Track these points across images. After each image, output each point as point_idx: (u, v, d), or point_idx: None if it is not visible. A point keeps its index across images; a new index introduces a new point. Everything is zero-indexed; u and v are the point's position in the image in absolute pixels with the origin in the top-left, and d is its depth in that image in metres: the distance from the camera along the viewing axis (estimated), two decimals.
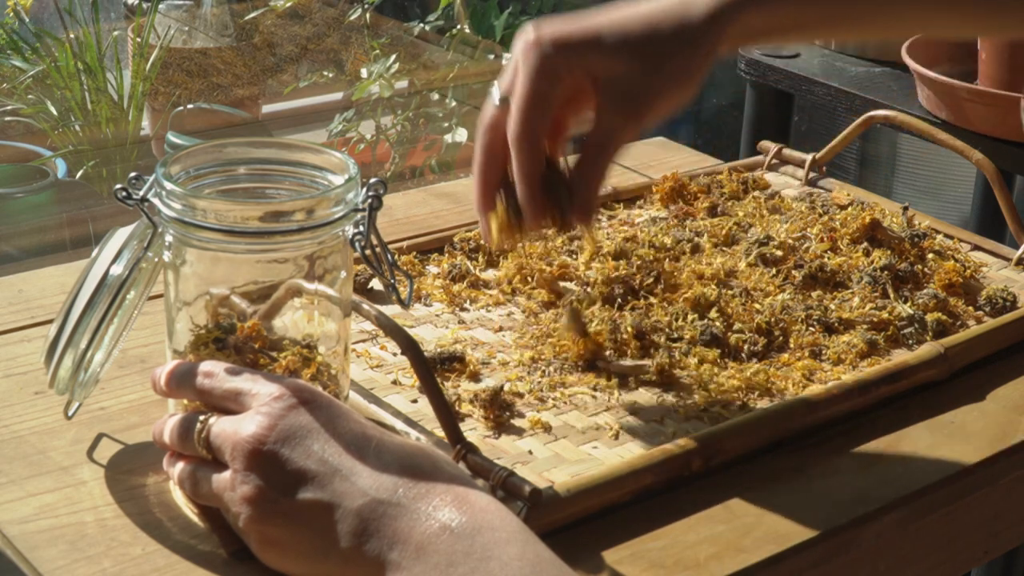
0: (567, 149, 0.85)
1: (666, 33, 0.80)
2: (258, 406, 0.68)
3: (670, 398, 0.84)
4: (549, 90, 0.80)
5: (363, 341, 0.89)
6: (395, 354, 0.88)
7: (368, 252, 0.73)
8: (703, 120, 3.38)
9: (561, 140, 0.84)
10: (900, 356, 0.90)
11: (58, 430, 0.79)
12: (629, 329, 0.87)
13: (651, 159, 1.25)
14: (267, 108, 2.32)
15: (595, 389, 0.85)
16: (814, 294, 0.96)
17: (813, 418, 0.82)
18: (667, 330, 0.89)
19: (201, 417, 0.70)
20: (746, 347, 0.89)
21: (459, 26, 2.31)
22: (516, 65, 0.81)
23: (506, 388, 0.83)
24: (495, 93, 0.83)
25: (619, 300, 0.92)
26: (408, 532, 0.63)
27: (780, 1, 0.82)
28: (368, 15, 2.28)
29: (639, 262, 0.95)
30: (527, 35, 0.80)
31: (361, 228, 0.72)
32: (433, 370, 0.82)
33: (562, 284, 0.95)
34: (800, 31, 0.90)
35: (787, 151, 1.21)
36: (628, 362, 0.86)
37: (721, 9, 0.81)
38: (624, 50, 0.80)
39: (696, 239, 1.03)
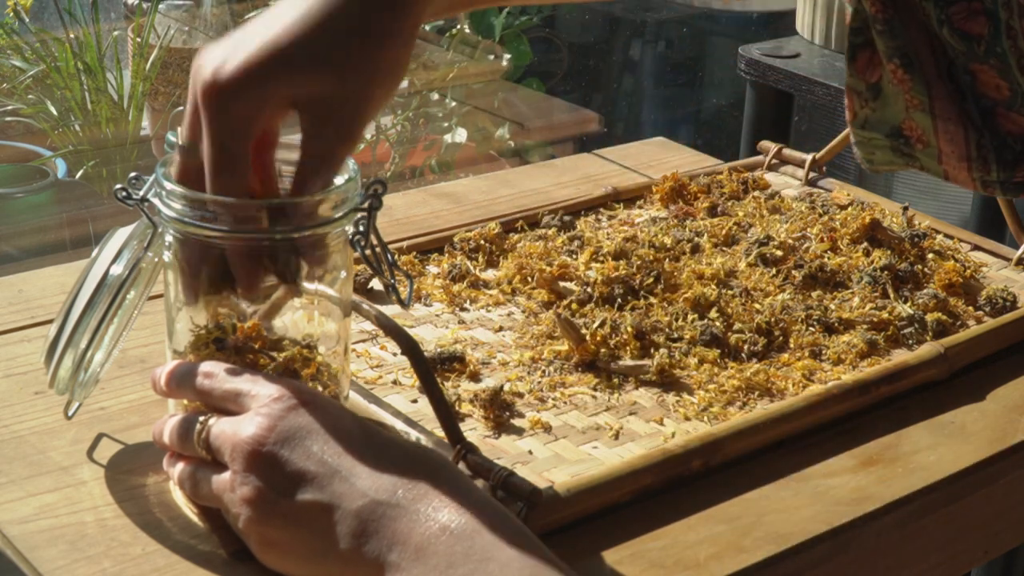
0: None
1: (354, 36, 0.70)
2: (258, 407, 0.68)
3: (670, 398, 0.84)
4: (242, 146, 0.70)
5: (363, 341, 0.89)
6: (395, 354, 0.88)
7: (368, 252, 0.73)
8: (703, 120, 3.39)
9: (268, 161, 0.73)
10: (900, 356, 0.90)
11: (58, 430, 0.79)
12: (629, 329, 0.87)
13: (651, 159, 1.25)
14: None
15: (595, 389, 0.85)
16: (814, 294, 0.96)
17: (813, 418, 0.82)
18: (667, 330, 0.89)
19: (201, 418, 0.70)
20: (746, 347, 0.89)
21: (459, 26, 2.31)
22: (196, 108, 0.70)
23: (506, 388, 0.83)
24: (176, 138, 0.72)
25: (619, 300, 0.92)
26: (407, 533, 0.63)
27: None
28: None
29: (639, 262, 0.95)
30: (203, 74, 0.69)
31: (361, 228, 0.72)
32: (433, 370, 0.82)
33: (562, 284, 0.95)
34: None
35: (787, 151, 1.21)
36: (628, 362, 0.86)
37: None
38: (315, 69, 0.69)
39: (696, 239, 1.03)
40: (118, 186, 0.72)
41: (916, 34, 0.73)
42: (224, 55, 0.69)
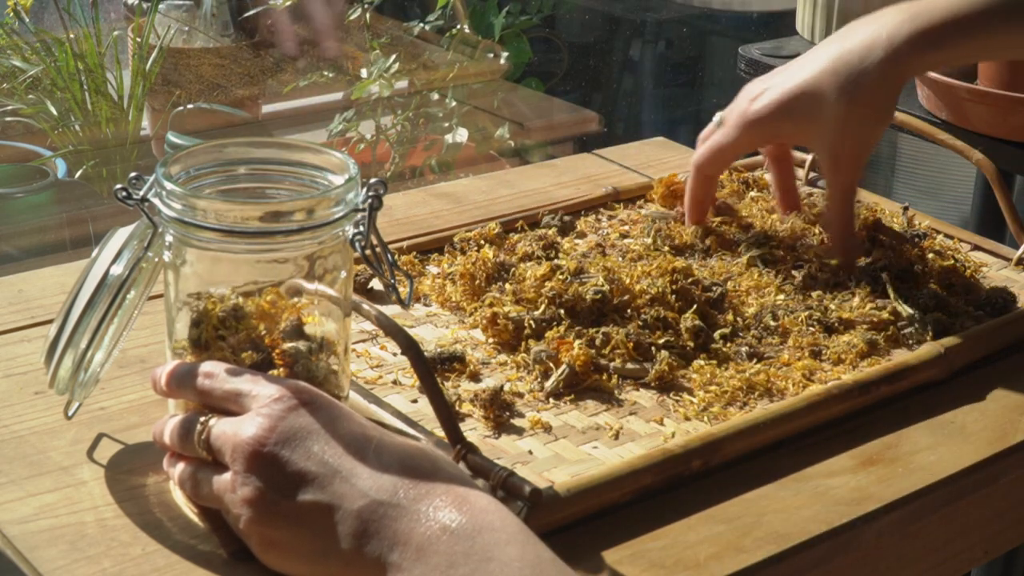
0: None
1: (852, 87, 0.93)
2: (258, 408, 0.68)
3: (670, 398, 0.84)
4: (730, 158, 1.02)
5: (363, 341, 0.89)
6: (395, 354, 0.88)
7: (368, 252, 0.73)
8: (703, 120, 3.38)
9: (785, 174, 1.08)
10: (900, 356, 0.90)
11: (58, 430, 0.79)
12: (624, 340, 0.86)
13: (651, 159, 1.25)
14: (267, 108, 2.32)
15: (595, 388, 0.85)
16: (814, 294, 0.96)
17: (813, 418, 0.82)
18: (665, 333, 0.89)
19: (201, 418, 0.70)
20: (746, 347, 0.89)
21: (459, 26, 2.31)
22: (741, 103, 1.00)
23: (506, 388, 0.83)
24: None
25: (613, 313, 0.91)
26: (408, 533, 0.63)
27: (945, 43, 0.93)
28: (368, 15, 2.28)
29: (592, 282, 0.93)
30: (740, 105, 1.00)
31: (361, 228, 0.72)
32: (433, 370, 0.82)
33: (507, 317, 0.89)
34: (966, 61, 1.12)
35: None
36: (630, 365, 0.86)
37: (901, 54, 0.93)
38: (817, 116, 0.95)
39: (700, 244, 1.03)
40: (118, 186, 0.72)
41: None
42: (759, 90, 0.98)
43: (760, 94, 0.98)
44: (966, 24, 0.93)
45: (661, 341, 0.87)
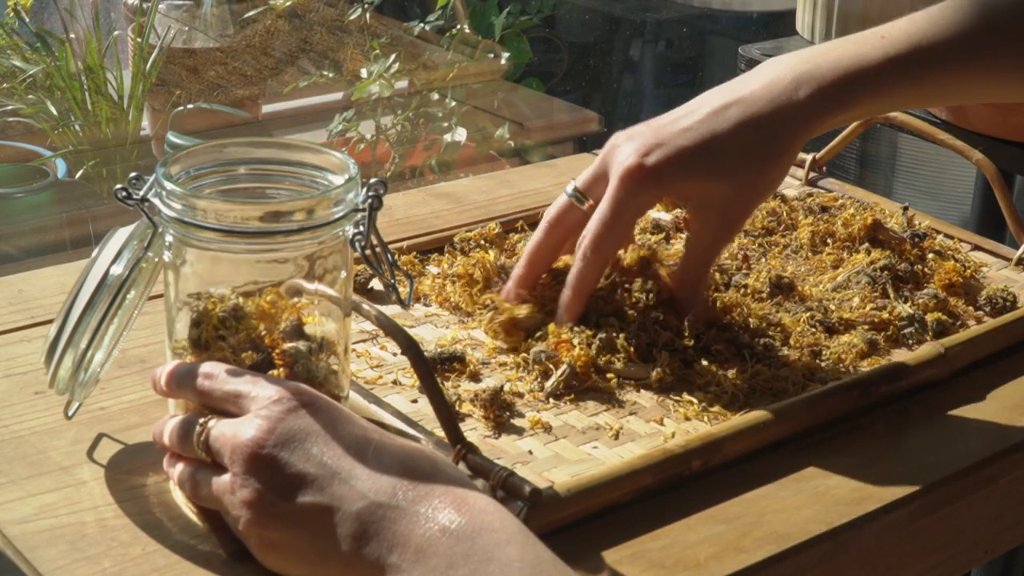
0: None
1: (758, 151, 0.85)
2: (257, 409, 0.68)
3: (670, 398, 0.84)
4: (631, 221, 0.88)
5: (363, 341, 0.89)
6: (395, 354, 0.88)
7: (368, 252, 0.73)
8: None
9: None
10: (900, 356, 0.90)
11: (58, 430, 0.79)
12: (625, 345, 0.86)
13: None
14: (267, 108, 2.32)
15: (595, 389, 0.85)
16: (814, 292, 0.96)
17: (813, 418, 0.82)
18: (666, 334, 0.89)
19: (201, 419, 0.70)
20: (746, 347, 0.89)
21: (459, 26, 2.31)
22: (602, 172, 0.87)
23: (506, 388, 0.83)
24: (570, 186, 0.89)
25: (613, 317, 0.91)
26: (407, 535, 0.63)
27: (861, 102, 0.87)
28: (368, 15, 2.28)
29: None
30: (629, 156, 0.86)
31: (361, 228, 0.72)
32: (433, 370, 0.82)
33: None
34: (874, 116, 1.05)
35: None
36: (631, 367, 0.86)
37: (810, 119, 0.85)
38: (718, 175, 0.85)
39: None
40: (118, 186, 0.72)
41: None
42: (652, 142, 0.86)
43: (651, 149, 0.85)
44: (899, 70, 0.86)
45: (662, 342, 0.87)
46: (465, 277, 0.94)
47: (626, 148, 0.86)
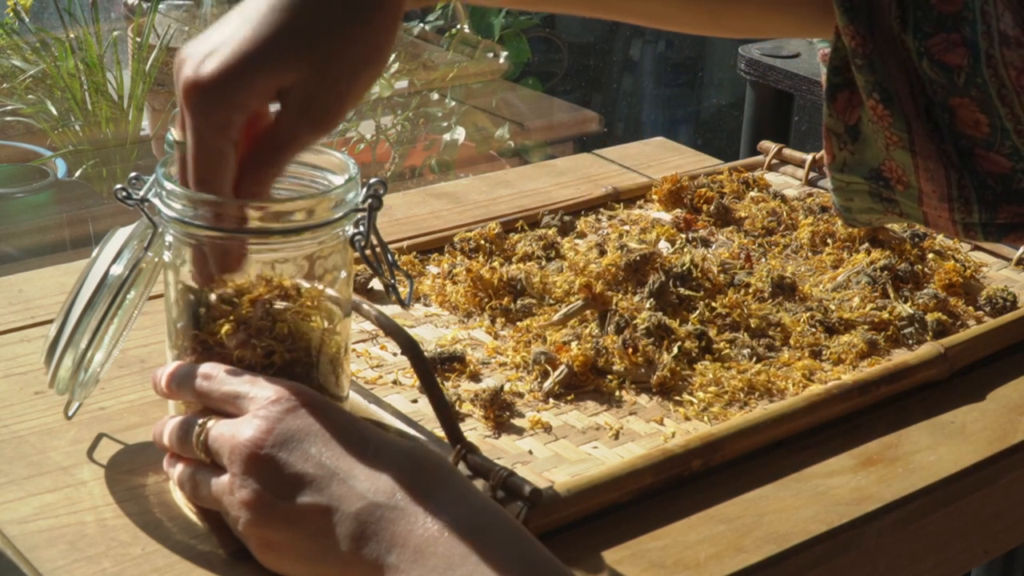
0: None
1: (337, 23, 0.68)
2: (256, 410, 0.68)
3: (670, 398, 0.84)
4: (224, 146, 0.69)
5: (363, 341, 0.89)
6: (395, 354, 0.88)
7: (368, 252, 0.73)
8: (703, 120, 3.39)
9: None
10: (900, 356, 0.90)
11: (58, 430, 0.79)
12: (620, 346, 0.86)
13: (651, 159, 1.25)
14: None
15: (595, 390, 0.85)
16: (815, 292, 0.96)
17: (813, 418, 0.82)
18: (666, 335, 0.89)
19: (200, 420, 0.70)
20: (746, 348, 0.89)
21: (459, 25, 2.31)
22: (182, 108, 0.70)
23: (506, 388, 0.83)
24: (172, 135, 0.72)
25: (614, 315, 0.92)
26: (406, 535, 0.63)
27: None
28: None
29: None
30: (185, 72, 0.68)
31: (361, 228, 0.72)
32: (433, 370, 0.82)
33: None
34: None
35: (787, 151, 1.22)
36: (631, 369, 0.86)
37: None
38: (298, 58, 0.68)
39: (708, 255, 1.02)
40: (118, 186, 0.72)
41: (895, 71, 0.72)
42: (205, 51, 0.68)
43: (204, 57, 0.68)
44: None
45: (664, 345, 0.87)
46: (471, 283, 0.94)
47: (184, 65, 0.69)
